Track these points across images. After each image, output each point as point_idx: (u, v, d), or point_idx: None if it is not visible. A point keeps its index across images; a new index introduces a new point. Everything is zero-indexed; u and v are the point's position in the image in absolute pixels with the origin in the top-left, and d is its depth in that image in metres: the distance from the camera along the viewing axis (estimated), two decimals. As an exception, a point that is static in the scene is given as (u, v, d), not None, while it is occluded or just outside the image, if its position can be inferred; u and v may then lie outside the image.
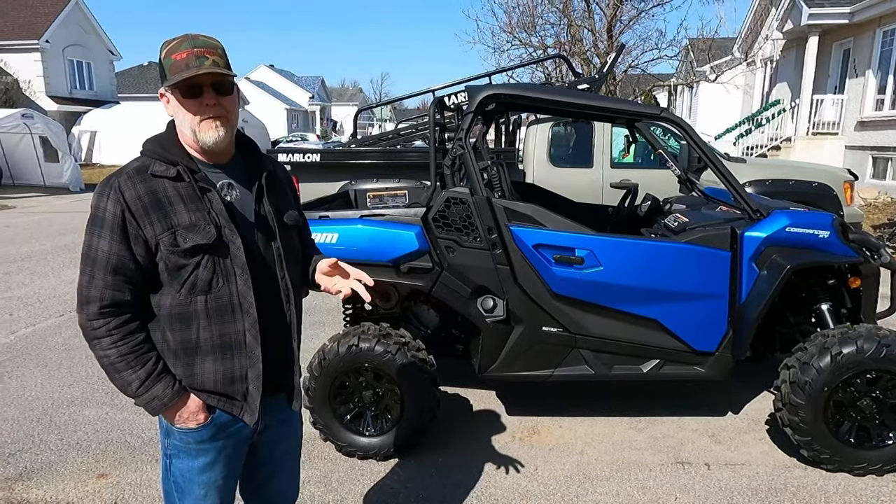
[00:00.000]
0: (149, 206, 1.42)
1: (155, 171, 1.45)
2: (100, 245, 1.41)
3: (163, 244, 1.42)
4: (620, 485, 2.86)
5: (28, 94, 24.25)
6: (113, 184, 1.43)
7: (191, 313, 1.47)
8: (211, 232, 1.44)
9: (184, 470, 1.58)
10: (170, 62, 1.42)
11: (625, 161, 6.91)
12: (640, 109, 3.18)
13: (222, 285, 1.48)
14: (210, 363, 1.51)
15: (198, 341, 1.49)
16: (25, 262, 7.55)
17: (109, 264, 1.41)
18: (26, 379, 4.09)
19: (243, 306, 1.50)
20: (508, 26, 15.44)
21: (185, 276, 1.45)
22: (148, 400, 1.47)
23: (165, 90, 1.46)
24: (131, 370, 1.44)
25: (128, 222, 1.41)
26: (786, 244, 2.97)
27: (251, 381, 1.54)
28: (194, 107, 1.45)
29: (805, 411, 2.81)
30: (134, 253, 1.42)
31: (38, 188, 15.97)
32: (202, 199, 1.46)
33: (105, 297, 1.42)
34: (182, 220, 1.43)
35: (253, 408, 1.56)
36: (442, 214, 2.97)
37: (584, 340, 3.05)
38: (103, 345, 1.43)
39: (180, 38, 1.44)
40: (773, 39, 16.53)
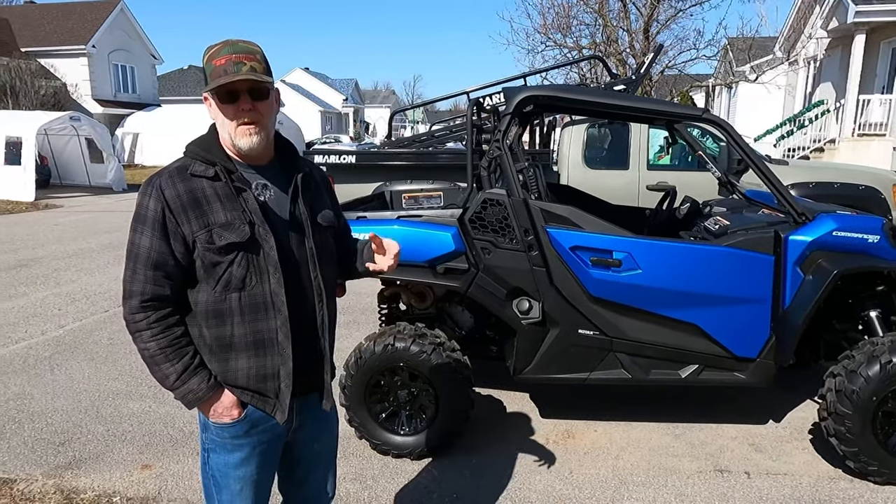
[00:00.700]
0: (187, 204, 1.47)
1: (194, 171, 1.50)
2: (142, 241, 1.47)
3: (199, 241, 1.47)
4: (657, 491, 2.82)
5: (75, 97, 25.19)
6: (155, 182, 1.48)
7: (225, 310, 1.51)
8: (245, 231, 1.48)
9: (220, 464, 1.62)
10: (210, 67, 1.47)
11: (661, 163, 6.81)
12: (681, 111, 3.13)
13: (255, 283, 1.51)
14: (244, 360, 1.54)
15: (232, 337, 1.52)
16: (73, 260, 7.84)
17: (150, 260, 1.46)
18: (74, 371, 4.25)
19: (275, 304, 1.53)
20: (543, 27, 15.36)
21: (220, 274, 1.49)
22: (184, 393, 1.52)
23: (207, 95, 1.51)
24: (169, 363, 1.49)
25: (167, 220, 1.46)
26: (833, 248, 2.89)
27: (283, 380, 1.56)
28: (231, 112, 1.49)
29: (852, 421, 2.72)
30: (173, 249, 1.47)
31: (84, 188, 16.54)
32: (237, 199, 1.50)
33: (146, 291, 1.47)
34: (218, 218, 1.47)
35: (284, 406, 1.58)
36: (478, 216, 2.97)
37: (621, 344, 3.01)
38: (144, 337, 1.49)
39: (221, 44, 1.49)
40: (817, 38, 16.04)
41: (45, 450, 3.19)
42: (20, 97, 21.73)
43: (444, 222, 3.05)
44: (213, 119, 1.54)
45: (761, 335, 2.95)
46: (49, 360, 4.44)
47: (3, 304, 5.85)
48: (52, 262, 7.71)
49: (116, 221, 11.04)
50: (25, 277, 6.86)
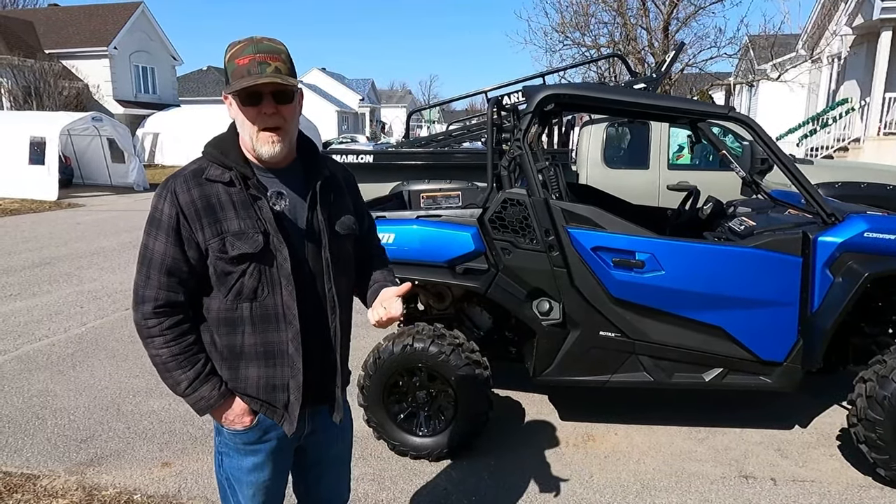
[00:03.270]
0: (201, 210, 1.42)
1: (210, 176, 1.44)
2: (156, 246, 1.43)
3: (212, 250, 1.43)
4: (680, 497, 2.76)
5: (97, 98, 25.61)
6: (170, 186, 1.44)
7: (237, 319, 1.47)
8: (258, 241, 1.43)
9: (233, 468, 1.61)
10: (232, 67, 1.40)
11: (681, 162, 6.71)
12: (707, 109, 3.07)
13: (267, 294, 1.47)
14: (254, 369, 1.51)
15: (242, 347, 1.49)
16: (95, 258, 7.95)
17: (164, 266, 1.43)
18: (96, 369, 4.29)
19: (287, 317, 1.48)
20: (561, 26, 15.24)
21: (232, 283, 1.45)
22: (195, 400, 1.49)
23: (228, 95, 1.44)
24: (181, 370, 1.47)
25: (181, 225, 1.42)
26: (863, 250, 2.81)
27: (292, 392, 1.53)
28: (253, 115, 1.42)
29: (883, 428, 2.65)
30: (187, 255, 1.44)
31: (106, 188, 16.78)
32: (252, 207, 1.45)
33: (160, 297, 1.44)
34: (231, 226, 1.42)
35: (292, 418, 1.54)
36: (498, 216, 2.94)
37: (643, 346, 2.96)
38: (156, 344, 1.45)
39: (245, 42, 1.41)
40: (841, 35, 15.72)
41: (68, 446, 3.22)
42: (44, 98, 22.14)
43: (464, 222, 3.02)
44: (235, 120, 1.48)
45: (788, 339, 2.88)
46: (71, 358, 4.50)
47: (27, 301, 5.94)
48: (75, 260, 7.83)
49: (137, 220, 11.18)
50: (48, 275, 6.97)
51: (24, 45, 24.36)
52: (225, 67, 1.44)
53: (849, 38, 15.87)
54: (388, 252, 3.00)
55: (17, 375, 4.17)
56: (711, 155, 6.36)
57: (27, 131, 14.25)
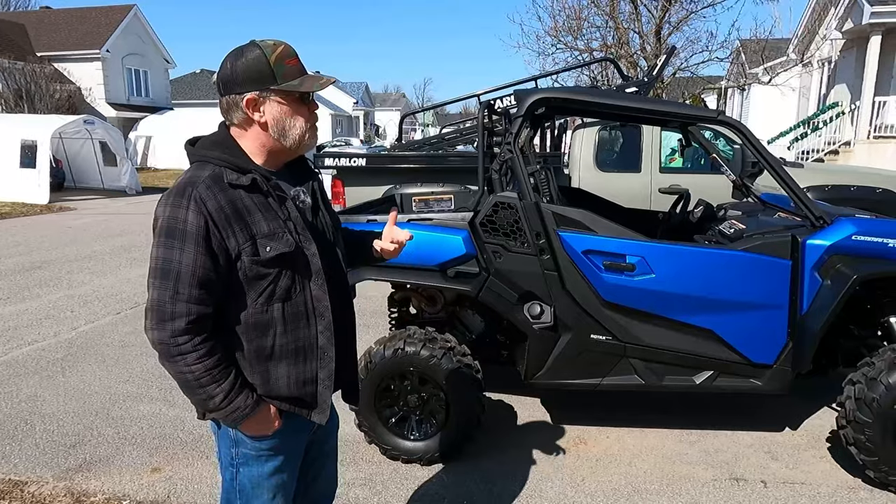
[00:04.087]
0: (230, 215, 1.40)
1: (230, 181, 1.42)
2: (183, 259, 1.37)
3: (245, 254, 1.41)
4: (671, 499, 2.77)
5: (89, 101, 25.49)
6: (192, 195, 1.38)
7: (268, 321, 1.47)
8: (290, 240, 1.45)
9: (253, 477, 1.58)
10: (283, 68, 1.43)
11: (673, 165, 6.74)
12: (696, 112, 3.09)
13: (299, 292, 1.49)
14: (283, 368, 1.51)
15: (273, 348, 1.49)
16: (86, 262, 7.90)
17: (196, 278, 1.37)
18: (85, 374, 4.26)
19: (318, 310, 1.52)
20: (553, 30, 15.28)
21: (265, 286, 1.44)
22: (231, 411, 1.45)
23: (266, 95, 1.44)
24: (216, 384, 1.42)
25: (212, 234, 1.38)
26: (852, 253, 2.83)
27: (321, 382, 1.57)
28: (307, 112, 1.49)
29: (872, 430, 2.66)
30: (218, 264, 1.40)
31: (98, 191, 16.69)
32: (278, 208, 1.46)
33: (192, 311, 1.38)
34: (261, 229, 1.42)
35: (324, 407, 1.59)
36: (489, 219, 2.95)
37: (634, 349, 2.97)
38: (188, 360, 1.39)
39: (284, 45, 1.46)
40: (831, 39, 15.86)
41: (56, 452, 3.20)
42: (35, 101, 22.01)
43: (455, 226, 3.02)
44: (268, 122, 1.46)
45: (778, 341, 2.90)
46: (61, 363, 4.47)
47: (16, 305, 5.90)
48: (66, 264, 7.78)
49: (129, 224, 11.13)
50: (39, 280, 6.92)
51: (15, 48, 24.24)
52: (270, 68, 1.43)
53: (839, 43, 16.02)
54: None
55: (5, 381, 4.13)
56: (703, 158, 6.40)
57: (18, 134, 14.17)
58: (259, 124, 1.46)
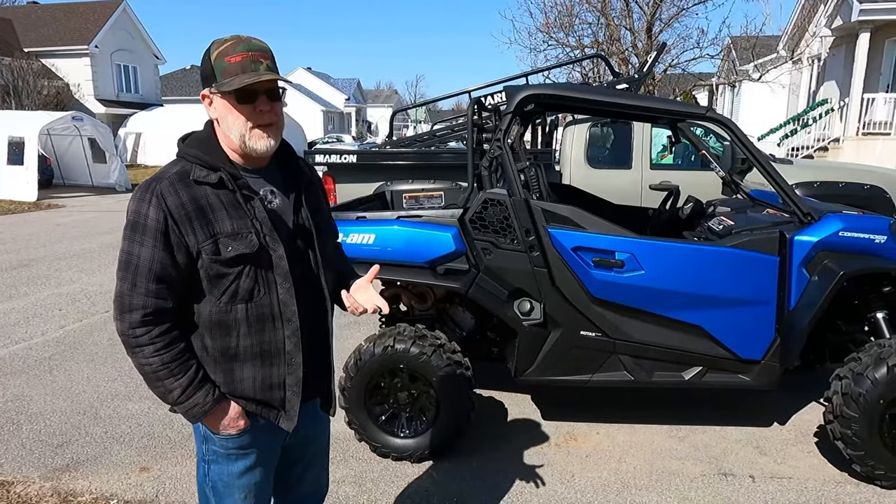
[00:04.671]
0: (192, 213, 1.39)
1: (197, 177, 1.42)
2: (142, 252, 1.39)
3: (204, 252, 1.40)
4: (660, 495, 2.78)
5: (77, 97, 25.22)
6: (155, 190, 1.39)
7: (231, 321, 1.46)
8: (253, 241, 1.43)
9: (223, 474, 1.58)
10: (223, 65, 1.39)
11: (664, 162, 6.76)
12: (685, 109, 3.09)
13: (263, 294, 1.47)
14: (249, 370, 1.50)
15: (237, 348, 1.48)
16: (74, 260, 7.83)
17: (152, 272, 1.39)
18: (73, 372, 4.23)
19: (285, 315, 1.49)
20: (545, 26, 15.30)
21: (227, 285, 1.44)
22: (189, 407, 1.46)
23: (212, 93, 1.43)
24: (174, 378, 1.43)
25: (170, 229, 1.38)
26: (839, 249, 2.85)
27: (290, 388, 1.54)
28: (248, 112, 1.42)
29: (859, 424, 2.69)
30: (176, 260, 1.40)
31: (87, 188, 16.54)
32: (245, 207, 1.44)
33: (148, 304, 1.40)
34: (224, 227, 1.41)
35: (292, 414, 1.56)
36: (479, 216, 2.94)
37: (623, 346, 2.98)
38: (146, 353, 1.41)
39: (233, 41, 1.41)
40: (821, 37, 15.95)
41: (43, 452, 3.17)
42: (23, 97, 21.77)
43: (445, 222, 3.02)
44: (218, 119, 1.46)
45: (766, 337, 2.91)
46: (48, 361, 4.43)
47: (3, 304, 5.84)
48: (54, 262, 7.70)
49: (119, 221, 11.01)
50: (26, 277, 6.85)
51: (2, 43, 23.95)
52: (211, 65, 1.41)
53: (828, 40, 16.11)
54: (368, 253, 3.01)
55: (-9, 380, 4.09)
56: (694, 155, 6.42)
57: (5, 131, 14.00)
58: (216, 121, 1.47)
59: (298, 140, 22.41)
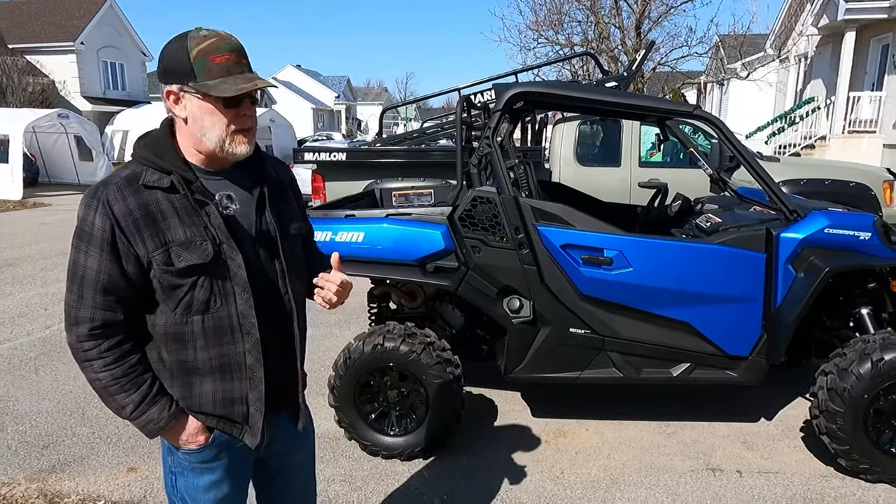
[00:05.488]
0: (140, 220, 1.30)
1: (147, 182, 1.32)
2: (87, 263, 1.31)
3: (155, 262, 1.31)
4: (649, 491, 2.80)
5: (63, 94, 24.91)
6: (101, 196, 1.30)
7: (187, 333, 1.37)
8: (207, 250, 1.33)
9: (189, 487, 1.50)
10: (205, 64, 1.30)
11: (653, 160, 6.79)
12: (672, 107, 3.11)
13: (220, 305, 1.38)
14: (209, 384, 1.42)
15: (196, 362, 1.40)
16: (60, 259, 7.74)
17: (99, 284, 1.31)
18: (60, 372, 4.18)
19: (244, 327, 1.40)
20: (535, 24, 15.33)
21: (181, 296, 1.35)
22: (143, 423, 1.38)
23: (185, 91, 1.32)
24: (125, 394, 1.36)
25: (118, 239, 1.30)
26: (824, 246, 2.88)
27: (252, 403, 1.46)
28: (231, 116, 1.34)
29: (844, 419, 2.72)
30: (125, 271, 1.32)
31: (73, 186, 16.37)
32: (198, 213, 1.34)
33: (96, 317, 1.32)
34: (176, 236, 1.32)
35: (255, 430, 1.48)
36: (468, 214, 2.94)
37: (612, 343, 2.99)
38: (95, 367, 1.34)
39: (216, 38, 1.32)
40: (807, 35, 16.09)
41: (29, 453, 3.14)
42: (7, 94, 21.48)
43: (434, 220, 3.01)
44: (187, 119, 1.35)
45: (753, 333, 2.94)
46: (34, 361, 4.38)
47: (-12, 304, 5.77)
48: (40, 261, 7.62)
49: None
50: (11, 277, 6.77)
51: (-15, 40, 23.62)
52: (189, 62, 1.30)
53: (815, 39, 16.26)
54: (357, 251, 3.00)
55: (-24, 381, 4.04)
56: (682, 153, 6.45)
57: (-11, 129, 13.83)
58: (182, 119, 1.36)
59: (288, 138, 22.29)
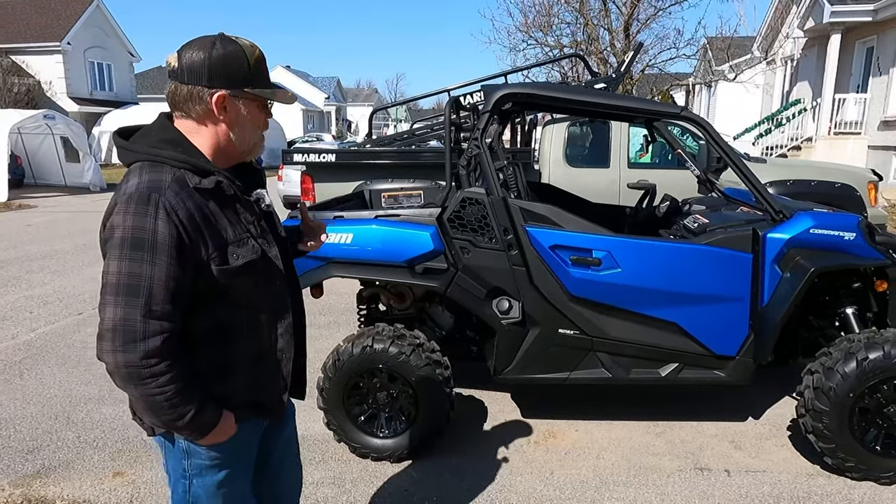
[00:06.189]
0: (200, 223, 1.32)
1: (194, 184, 1.34)
2: (154, 272, 1.26)
3: (213, 263, 1.34)
4: (638, 490, 2.81)
5: (49, 95, 24.65)
6: (159, 202, 1.27)
7: (233, 327, 1.43)
8: (256, 246, 1.43)
9: (208, 486, 1.52)
10: (259, 73, 1.40)
11: (642, 161, 6.83)
12: (660, 108, 3.12)
13: (262, 295, 1.47)
14: (242, 373, 1.47)
15: (237, 353, 1.45)
16: (46, 261, 7.66)
17: (169, 293, 1.27)
18: (45, 376, 4.13)
19: (279, 312, 1.52)
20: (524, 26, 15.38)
21: (229, 293, 1.39)
22: (198, 426, 1.37)
23: (240, 96, 1.38)
24: (187, 404, 1.33)
25: (183, 243, 1.29)
26: (810, 246, 2.90)
27: (280, 381, 1.57)
28: (262, 120, 1.46)
29: (829, 418, 2.74)
30: (188, 277, 1.32)
31: (60, 188, 16.20)
32: (240, 211, 1.42)
33: (166, 329, 1.28)
34: (229, 235, 1.38)
35: (280, 407, 1.60)
36: (457, 215, 2.94)
37: (601, 343, 3.00)
38: (160, 382, 1.28)
39: (257, 48, 1.41)
40: (794, 38, 16.27)
41: (13, 458, 3.09)
42: (-8, 95, 21.23)
43: (423, 221, 3.01)
44: (227, 122, 1.39)
45: (740, 333, 2.96)
46: (19, 365, 4.32)
47: (-29, 307, 5.69)
48: (25, 263, 7.53)
49: (93, 222, 10.82)
50: (-4, 280, 6.69)
51: (-30, 40, 23.32)
52: (250, 69, 1.37)
53: (801, 41, 16.44)
54: (346, 252, 2.99)
55: (-41, 385, 3.98)
56: (671, 154, 6.49)
57: (-26, 129, 13.66)
58: (221, 122, 1.39)
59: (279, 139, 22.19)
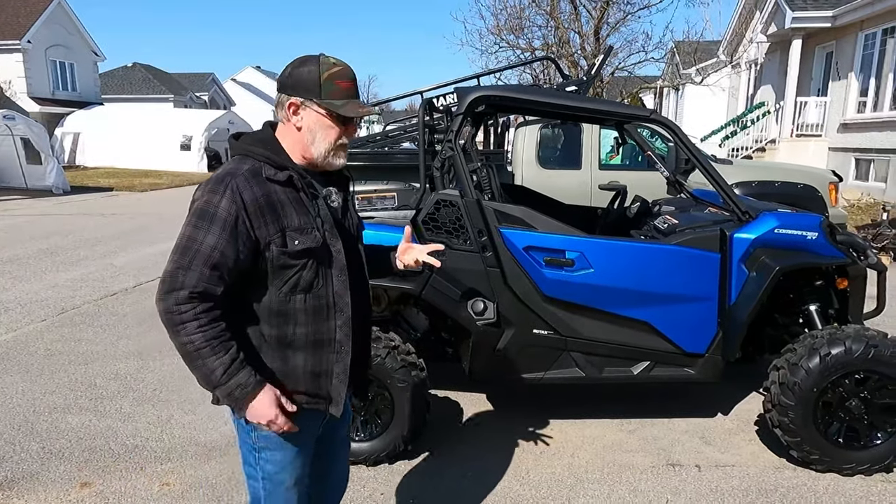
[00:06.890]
0: (264, 207, 1.48)
1: (267, 175, 1.51)
2: (206, 239, 1.45)
3: (274, 245, 1.49)
4: (611, 487, 2.85)
5: (9, 95, 23.83)
6: (230, 184, 1.47)
7: (290, 310, 1.55)
8: (318, 236, 1.53)
9: (276, 461, 1.64)
10: (332, 87, 1.52)
11: (613, 163, 6.94)
12: (630, 111, 3.18)
13: (322, 285, 1.56)
14: (301, 358, 1.58)
15: (294, 336, 1.56)
16: (6, 266, 7.40)
17: (211, 259, 1.45)
18: (7, 386, 4.00)
19: (338, 305, 1.59)
20: (496, 28, 15.47)
21: (289, 276, 1.52)
22: (232, 388, 1.47)
23: (307, 105, 1.53)
24: (216, 356, 1.46)
25: (240, 222, 1.46)
26: (774, 245, 2.98)
27: (337, 376, 1.63)
28: (341, 132, 1.57)
29: (794, 412, 2.82)
30: (238, 251, 1.47)
31: (20, 191, 15.69)
32: (311, 204, 1.55)
33: (199, 286, 1.45)
34: (292, 222, 1.51)
35: (339, 400, 1.65)
36: (431, 217, 2.94)
37: (574, 343, 3.04)
38: (188, 329, 1.44)
39: (342, 66, 1.55)
40: (757, 42, 16.71)
41: (-27, 471, 2.99)
42: (-52, 95, 20.47)
43: (398, 224, 3.00)
44: (301, 128, 1.55)
45: (709, 331, 3.03)
46: (-21, 375, 4.17)
47: (-73, 315, 5.47)
48: (-16, 269, 7.27)
49: (56, 225, 10.52)
50: (-47, 286, 6.44)
51: (-77, 37, 22.44)
52: (319, 82, 1.52)
53: (764, 46, 16.89)
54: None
55: (-86, 396, 3.82)
56: (641, 156, 6.61)
57: (-72, 130, 13.15)
58: (295, 127, 1.57)
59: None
